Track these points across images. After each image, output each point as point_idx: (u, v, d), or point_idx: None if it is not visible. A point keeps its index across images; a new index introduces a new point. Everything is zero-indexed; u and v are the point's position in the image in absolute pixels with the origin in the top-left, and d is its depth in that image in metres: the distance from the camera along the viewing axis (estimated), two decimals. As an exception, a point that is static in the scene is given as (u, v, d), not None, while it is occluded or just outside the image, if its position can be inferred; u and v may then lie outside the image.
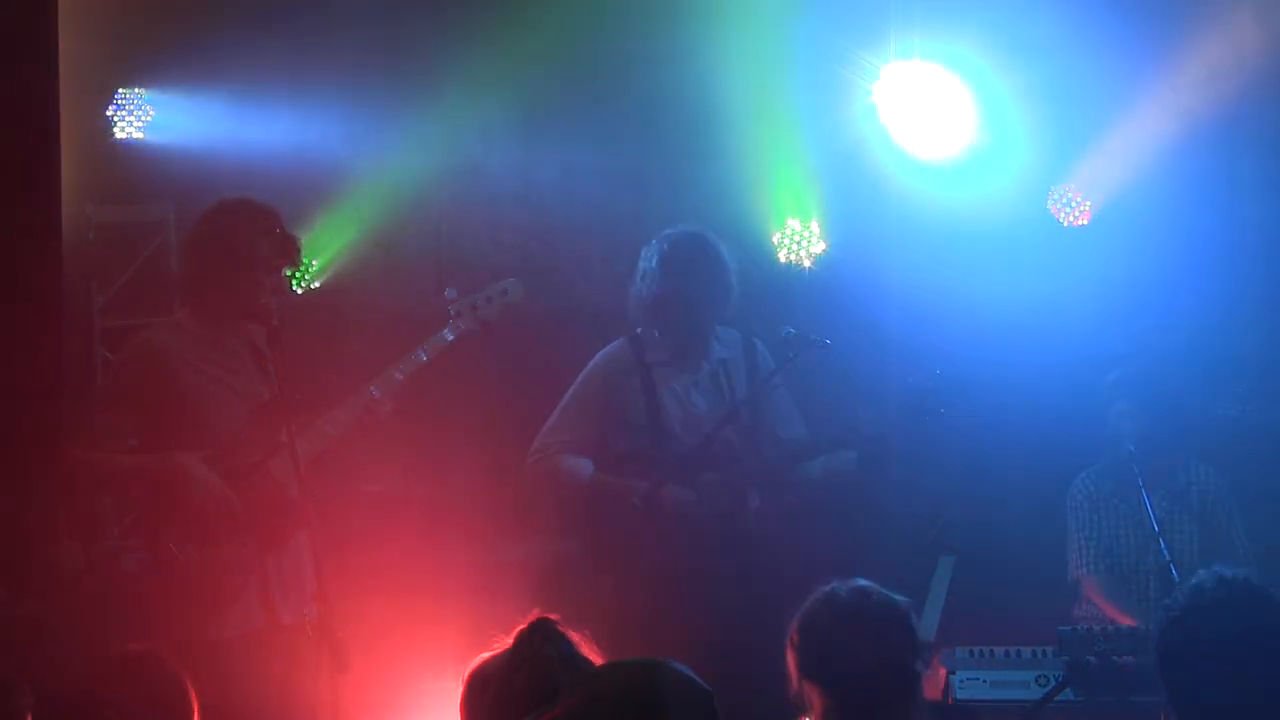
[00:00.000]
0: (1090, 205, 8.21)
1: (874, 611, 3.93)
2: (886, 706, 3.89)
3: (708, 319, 6.10)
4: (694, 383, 6.13)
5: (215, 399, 5.64)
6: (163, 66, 8.14)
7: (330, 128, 8.36)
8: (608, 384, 6.18)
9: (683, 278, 6.06)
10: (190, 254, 5.70)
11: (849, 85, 8.11)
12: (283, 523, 5.59)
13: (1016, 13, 8.02)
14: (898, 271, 8.29)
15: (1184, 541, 6.47)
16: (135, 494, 5.62)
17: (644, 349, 6.16)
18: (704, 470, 6.00)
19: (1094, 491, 6.61)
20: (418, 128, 8.35)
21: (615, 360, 6.22)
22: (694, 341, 6.10)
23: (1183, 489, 6.52)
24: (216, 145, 8.14)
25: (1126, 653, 5.78)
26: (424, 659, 6.75)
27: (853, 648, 3.89)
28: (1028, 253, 8.24)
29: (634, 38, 7.90)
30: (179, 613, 5.48)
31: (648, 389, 6.13)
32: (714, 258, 6.14)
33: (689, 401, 6.05)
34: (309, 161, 8.19)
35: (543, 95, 8.14)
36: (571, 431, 6.17)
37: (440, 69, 8.23)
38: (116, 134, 8.07)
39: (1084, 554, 6.57)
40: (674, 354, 6.13)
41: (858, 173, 8.19)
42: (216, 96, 8.26)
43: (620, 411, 6.14)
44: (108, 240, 8.07)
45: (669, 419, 6.05)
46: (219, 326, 5.63)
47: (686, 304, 6.06)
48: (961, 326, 8.33)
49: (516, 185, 8.71)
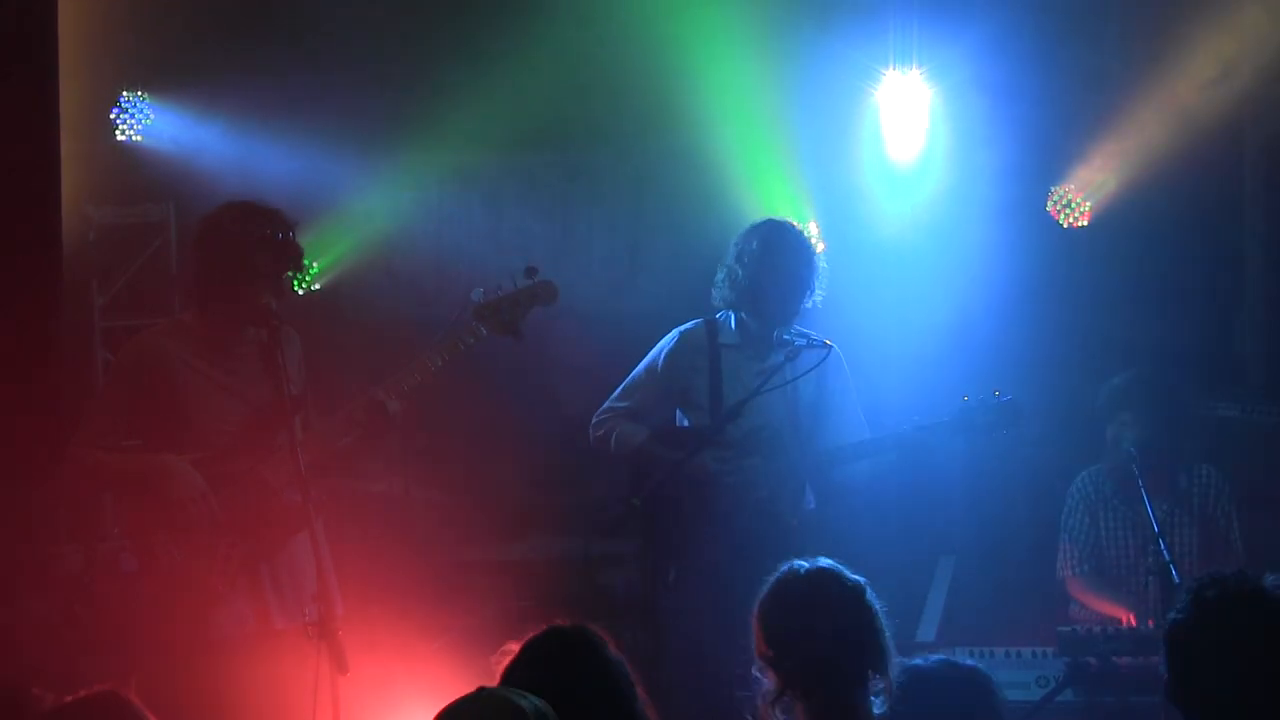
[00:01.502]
0: (1090, 207, 8.21)
1: (833, 591, 4.03)
2: (845, 685, 3.96)
3: (797, 304, 6.18)
4: (760, 370, 6.16)
5: (211, 401, 5.61)
6: (165, 71, 8.16)
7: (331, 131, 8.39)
8: (676, 360, 6.29)
9: (785, 260, 6.14)
10: (193, 256, 5.68)
11: (849, 87, 8.12)
12: (275, 527, 5.56)
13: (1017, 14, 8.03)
14: (897, 273, 8.30)
15: (1184, 542, 6.47)
16: (127, 491, 5.60)
17: (718, 332, 6.26)
18: (752, 456, 6.07)
19: (1094, 491, 6.61)
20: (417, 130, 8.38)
21: (688, 338, 6.33)
22: (772, 326, 6.17)
23: (1184, 491, 6.52)
24: (217, 148, 8.17)
25: (1126, 653, 5.78)
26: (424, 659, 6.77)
27: (807, 624, 3.98)
28: (1028, 254, 8.25)
29: (635, 39, 7.90)
30: (166, 613, 5.46)
31: (714, 371, 6.22)
32: (809, 248, 6.30)
33: (752, 387, 6.07)
34: (309, 163, 8.20)
35: (543, 97, 8.14)
36: (635, 400, 6.31)
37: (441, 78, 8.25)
38: (117, 136, 8.09)
39: (1069, 556, 6.58)
40: (747, 339, 6.22)
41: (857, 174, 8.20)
42: (219, 101, 8.29)
43: (684, 389, 6.25)
44: (108, 241, 8.09)
45: (730, 401, 6.09)
46: (224, 328, 5.61)
47: (785, 285, 6.14)
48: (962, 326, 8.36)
49: (516, 186, 8.73)
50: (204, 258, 5.59)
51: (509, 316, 5.72)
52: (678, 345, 6.30)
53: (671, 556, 5.95)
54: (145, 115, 8.12)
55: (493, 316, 5.71)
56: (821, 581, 4.05)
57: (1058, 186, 8.23)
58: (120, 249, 8.16)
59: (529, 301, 5.78)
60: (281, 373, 5.36)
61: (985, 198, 8.22)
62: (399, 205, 8.60)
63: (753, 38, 8.00)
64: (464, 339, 5.68)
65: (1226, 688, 3.69)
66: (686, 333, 6.34)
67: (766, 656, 4.03)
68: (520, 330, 5.74)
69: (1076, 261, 8.39)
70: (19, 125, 5.94)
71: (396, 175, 8.54)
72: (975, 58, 8.00)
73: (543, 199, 8.72)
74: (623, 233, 8.74)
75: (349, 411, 5.63)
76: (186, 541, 5.48)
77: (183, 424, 5.57)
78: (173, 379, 5.57)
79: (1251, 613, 3.74)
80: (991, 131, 8.10)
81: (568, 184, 8.64)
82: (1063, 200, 8.25)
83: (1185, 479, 6.53)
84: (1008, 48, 8.01)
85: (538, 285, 5.79)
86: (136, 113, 8.11)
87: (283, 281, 5.59)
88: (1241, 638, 3.71)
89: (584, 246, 8.68)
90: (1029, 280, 8.38)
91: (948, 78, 8.03)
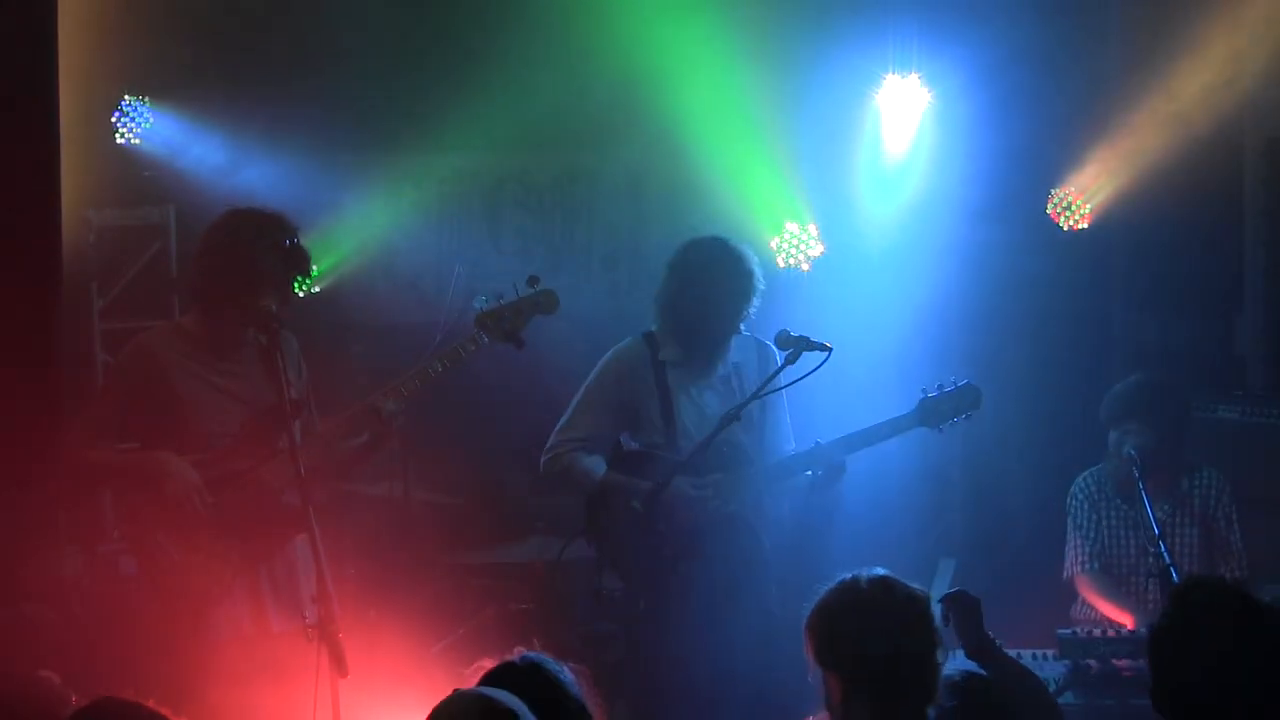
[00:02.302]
0: (1090, 209, 8.21)
1: (895, 602, 3.95)
2: (905, 697, 3.90)
3: (725, 325, 6.07)
4: (708, 385, 6.10)
5: (208, 404, 5.61)
6: (166, 75, 8.17)
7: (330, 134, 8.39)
8: (622, 381, 6.14)
9: (702, 284, 6.03)
10: (199, 260, 5.69)
11: (848, 91, 8.12)
12: (274, 530, 5.56)
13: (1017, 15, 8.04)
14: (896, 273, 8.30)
15: (1185, 544, 6.46)
16: (122, 488, 5.60)
17: (658, 347, 6.13)
18: (714, 471, 5.99)
19: (1095, 492, 6.60)
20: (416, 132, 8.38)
21: (630, 356, 6.16)
22: (710, 346, 6.08)
23: (1185, 492, 6.51)
24: (217, 151, 8.17)
25: (1126, 656, 5.78)
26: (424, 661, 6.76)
27: (874, 637, 3.91)
28: (1027, 256, 8.25)
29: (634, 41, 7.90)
30: (163, 615, 5.46)
31: (662, 388, 6.09)
32: (734, 264, 6.09)
33: (703, 402, 6.03)
34: (310, 164, 8.20)
35: (542, 99, 8.14)
36: (586, 428, 6.13)
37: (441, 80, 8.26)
38: (117, 139, 8.09)
39: (1079, 553, 6.56)
40: (688, 355, 6.10)
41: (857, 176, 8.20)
42: (219, 103, 8.29)
43: (635, 409, 6.12)
44: (108, 244, 8.09)
45: (684, 419, 6.03)
46: (225, 332, 5.62)
47: (704, 309, 6.03)
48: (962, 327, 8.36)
49: (516, 189, 8.73)
50: (210, 261, 5.61)
51: (510, 325, 5.75)
52: (620, 364, 6.15)
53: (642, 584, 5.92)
54: (145, 119, 8.12)
55: (494, 324, 5.74)
56: (889, 588, 3.98)
57: (1057, 189, 8.23)
58: (120, 252, 8.16)
59: (531, 310, 5.81)
60: (281, 376, 5.37)
61: (985, 199, 8.23)
62: (398, 207, 8.60)
63: (752, 40, 8.01)
64: (465, 346, 5.72)
65: (1207, 692, 3.68)
66: (625, 350, 6.18)
67: (829, 663, 3.94)
68: (521, 339, 5.78)
69: (1076, 264, 8.40)
70: (19, 127, 5.94)
71: (395, 177, 8.54)
72: (975, 60, 8.01)
73: (542, 201, 8.73)
74: (622, 235, 8.75)
75: (350, 415, 5.64)
76: (185, 542, 5.48)
77: (180, 426, 5.57)
78: (170, 382, 5.58)
79: (1234, 617, 3.74)
80: (992, 133, 8.10)
81: (567, 186, 8.65)
82: (1063, 203, 8.25)
83: (1186, 482, 6.52)
84: (1007, 50, 8.02)
85: (540, 294, 5.82)
86: (137, 116, 8.11)
87: (288, 287, 5.61)
88: (1222, 642, 3.71)
89: (583, 248, 8.69)
90: (1028, 282, 8.39)
91: (947, 81, 8.03)
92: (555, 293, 5.85)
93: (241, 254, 5.54)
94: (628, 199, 8.71)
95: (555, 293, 5.85)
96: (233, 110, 8.27)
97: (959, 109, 8.08)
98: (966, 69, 8.02)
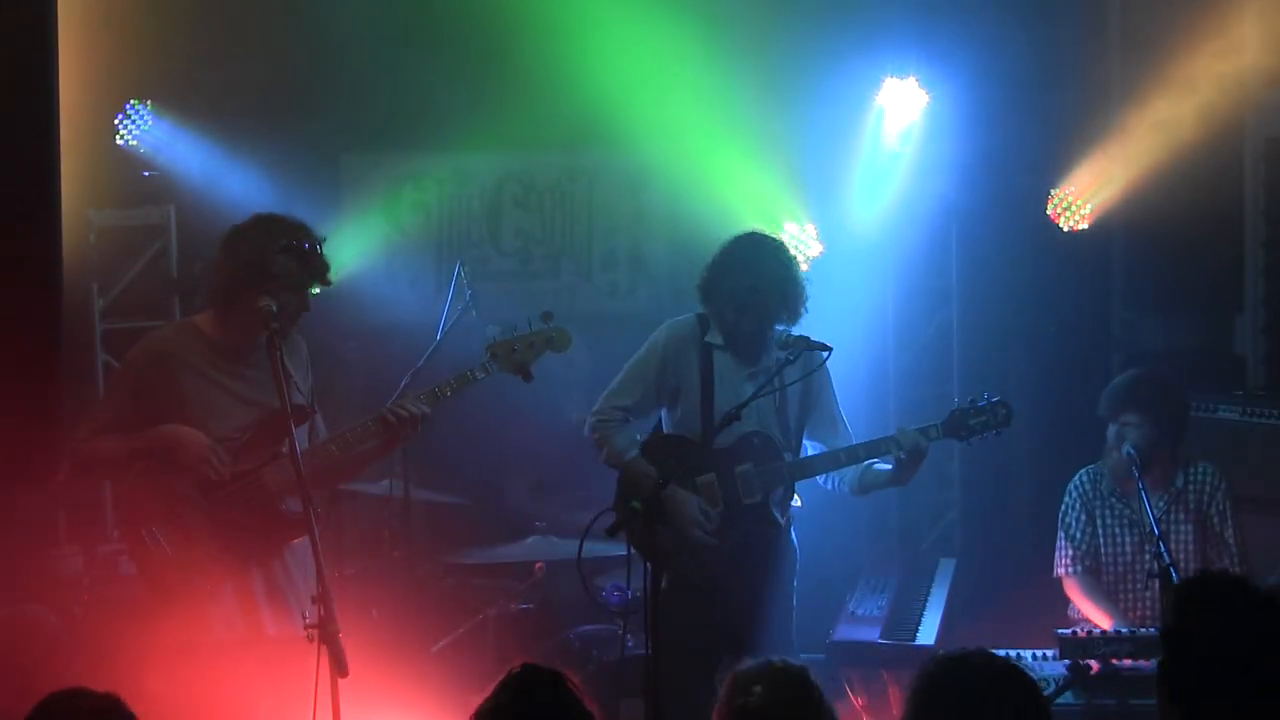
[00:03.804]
0: (1090, 210, 8.21)
1: (1005, 684, 3.71)
2: None
3: (771, 317, 6.12)
4: (749, 375, 6.14)
5: (216, 405, 5.61)
6: (166, 76, 8.17)
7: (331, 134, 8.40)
8: (667, 356, 6.19)
9: (754, 274, 6.08)
10: (219, 261, 5.71)
11: (848, 92, 8.13)
12: (273, 532, 5.55)
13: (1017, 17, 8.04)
14: (895, 274, 8.31)
15: (1181, 541, 6.46)
16: (139, 470, 5.58)
17: (708, 329, 6.21)
18: (745, 462, 6.04)
19: (1090, 491, 6.60)
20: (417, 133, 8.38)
21: (681, 332, 6.23)
22: (747, 339, 6.13)
23: (1181, 489, 6.52)
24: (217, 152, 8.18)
25: (1127, 656, 5.78)
26: (424, 662, 6.77)
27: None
28: (1027, 256, 8.26)
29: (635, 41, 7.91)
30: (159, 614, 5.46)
31: (705, 370, 6.16)
32: (786, 257, 6.19)
33: (742, 391, 6.04)
34: (309, 166, 8.21)
35: (544, 100, 8.15)
36: (632, 396, 6.21)
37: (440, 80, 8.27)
38: (118, 140, 8.09)
39: (1064, 555, 6.57)
40: (733, 342, 6.17)
41: (856, 176, 8.21)
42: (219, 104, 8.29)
43: (677, 386, 6.18)
44: (108, 244, 8.10)
45: (720, 404, 6.06)
46: (237, 333, 5.63)
47: (747, 301, 6.08)
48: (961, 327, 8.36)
49: (516, 189, 8.73)
50: (223, 260, 5.63)
51: (521, 357, 5.80)
52: (670, 338, 6.22)
53: (663, 564, 5.94)
54: (145, 120, 8.12)
55: (505, 355, 5.78)
56: (996, 673, 3.72)
57: (1057, 190, 8.24)
58: (120, 251, 8.17)
59: (543, 345, 5.84)
60: (286, 378, 5.37)
61: (984, 200, 8.23)
62: (398, 208, 8.61)
63: (752, 41, 8.02)
64: (475, 373, 5.76)
65: (1217, 686, 3.69)
66: (676, 326, 6.26)
67: None
68: (530, 371, 5.82)
69: (1076, 264, 8.40)
70: (19, 128, 5.94)
71: (396, 177, 8.54)
72: (974, 61, 8.02)
73: (542, 201, 8.73)
74: (622, 235, 8.75)
75: (362, 423, 5.66)
76: (182, 539, 5.48)
77: (182, 423, 5.57)
78: (179, 381, 5.58)
79: (1240, 610, 3.75)
80: (991, 134, 8.11)
81: (567, 186, 8.65)
82: (1063, 203, 8.26)
83: (1182, 477, 6.53)
84: (1007, 50, 8.03)
85: (553, 331, 5.85)
86: (137, 118, 8.12)
87: (304, 291, 5.63)
88: (1229, 635, 3.72)
89: (583, 248, 8.69)
90: (1028, 282, 8.39)
91: (945, 82, 8.04)
92: (568, 331, 5.89)
93: (254, 255, 5.55)
94: (628, 199, 8.72)
95: (568, 331, 5.89)
96: (232, 110, 8.27)
97: (958, 110, 8.09)
98: (966, 70, 8.03)
